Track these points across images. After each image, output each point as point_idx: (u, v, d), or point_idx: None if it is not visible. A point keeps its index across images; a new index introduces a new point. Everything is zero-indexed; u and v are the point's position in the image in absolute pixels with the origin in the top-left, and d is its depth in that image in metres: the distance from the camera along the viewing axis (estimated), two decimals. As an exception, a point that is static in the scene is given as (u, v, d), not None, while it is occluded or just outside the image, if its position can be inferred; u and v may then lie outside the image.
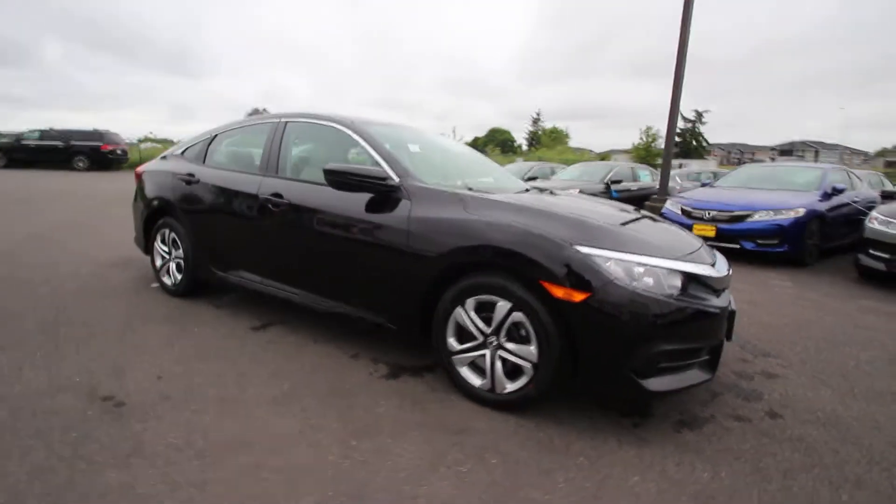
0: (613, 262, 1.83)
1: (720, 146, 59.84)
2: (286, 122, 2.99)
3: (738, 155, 61.06)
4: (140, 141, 25.60)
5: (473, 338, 2.10)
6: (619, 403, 2.15)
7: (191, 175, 3.31)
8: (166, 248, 3.53)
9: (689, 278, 1.94)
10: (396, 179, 2.35)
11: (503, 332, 2.01)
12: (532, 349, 1.93)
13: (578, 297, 1.80)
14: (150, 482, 1.55)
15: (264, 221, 2.82)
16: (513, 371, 2.03)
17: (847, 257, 5.87)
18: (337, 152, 2.82)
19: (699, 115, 48.70)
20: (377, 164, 2.47)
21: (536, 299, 1.89)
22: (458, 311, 2.11)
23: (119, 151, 16.71)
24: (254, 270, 2.99)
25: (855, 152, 54.12)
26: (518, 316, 1.95)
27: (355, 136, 2.66)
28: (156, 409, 1.99)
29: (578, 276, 1.81)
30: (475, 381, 2.12)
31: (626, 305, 1.77)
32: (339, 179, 2.34)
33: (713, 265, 2.12)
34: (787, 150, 53.74)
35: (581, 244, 1.86)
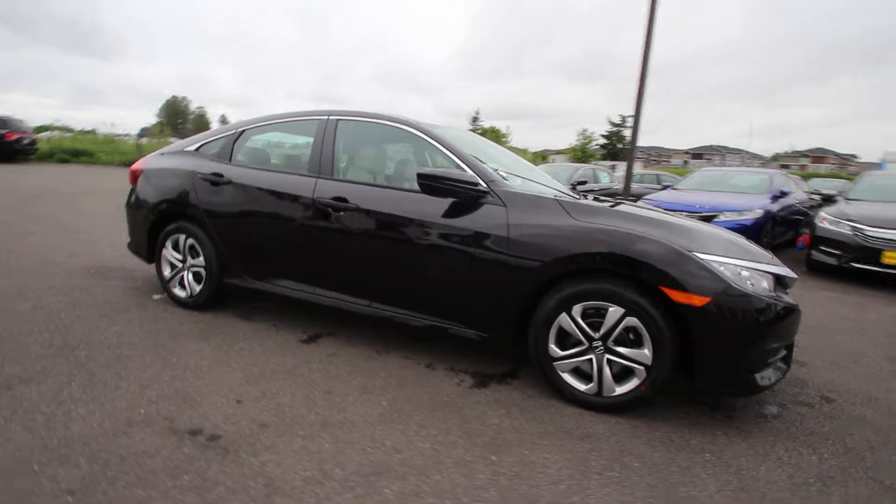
0: (725, 268, 1.96)
1: (640, 149, 65.11)
2: (336, 120, 2.81)
3: (655, 158, 66.63)
4: (38, 129, 22.07)
5: (577, 343, 2.14)
6: (702, 398, 2.31)
7: (218, 174, 3.01)
8: (179, 256, 3.18)
9: (776, 279, 2.13)
10: (484, 184, 2.32)
11: (612, 337, 2.07)
12: (646, 352, 2.01)
13: (699, 301, 1.90)
14: (311, 521, 1.41)
15: (321, 227, 2.64)
16: (619, 374, 2.10)
17: (789, 253, 6.68)
18: (405, 155, 2.71)
19: (623, 119, 52.42)
20: (460, 167, 2.42)
21: (650, 304, 1.97)
22: (563, 317, 2.13)
23: (26, 141, 14.51)
24: (302, 280, 2.79)
25: (754, 156, 61.53)
26: (631, 321, 2.01)
27: (428, 139, 2.56)
28: (261, 440, 1.81)
29: (699, 281, 1.91)
30: (580, 385, 2.15)
31: (742, 307, 1.90)
32: (433, 184, 2.26)
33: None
34: (698, 154, 59.83)
35: (698, 251, 1.96)
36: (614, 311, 2.03)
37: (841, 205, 5.95)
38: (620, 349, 2.06)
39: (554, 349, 2.18)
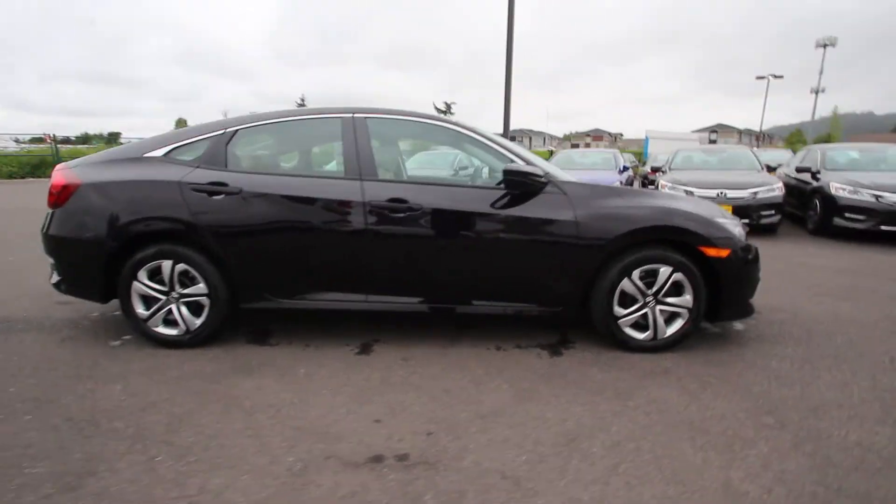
0: (731, 226, 2.65)
1: (465, 133, 70.91)
2: (365, 119, 2.67)
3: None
4: None
5: (634, 301, 2.62)
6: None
7: (219, 183, 2.55)
8: (162, 288, 2.61)
9: (741, 231, 2.95)
10: (544, 176, 2.58)
11: (663, 291, 2.60)
12: (688, 298, 2.59)
13: (724, 253, 2.55)
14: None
15: (377, 231, 2.53)
16: (667, 320, 2.65)
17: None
18: (448, 152, 2.73)
19: (448, 106, 56.13)
20: (516, 161, 2.61)
21: (690, 261, 2.55)
22: (625, 282, 2.57)
23: None
24: (352, 289, 2.62)
25: (552, 137, 73.05)
26: (677, 276, 2.57)
27: (477, 136, 2.68)
28: (446, 445, 1.80)
29: (722, 239, 2.55)
30: (639, 335, 2.64)
31: (746, 253, 2.62)
32: (517, 179, 2.42)
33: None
34: (512, 137, 68.06)
35: (717, 217, 2.61)
36: (665, 271, 2.56)
37: (669, 174, 7.83)
38: (669, 299, 2.61)
39: (618, 310, 2.62)
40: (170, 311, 2.64)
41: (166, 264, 2.57)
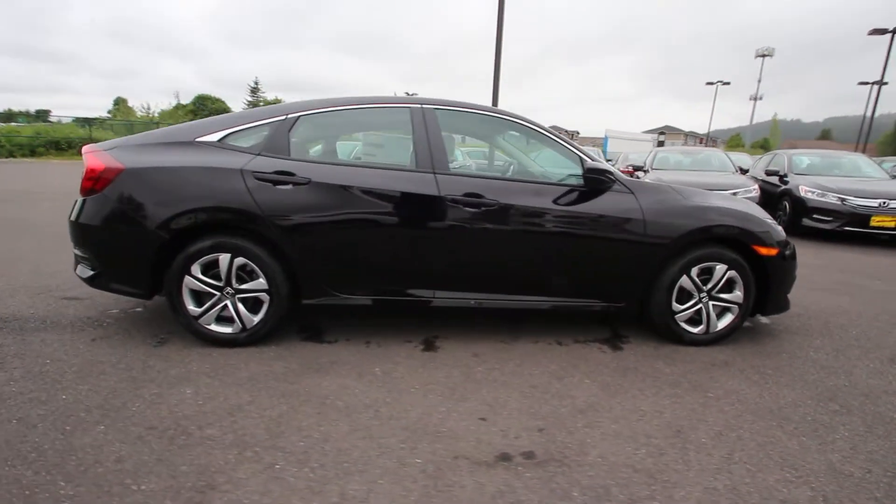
0: (776, 225, 2.83)
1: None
2: (434, 110, 2.60)
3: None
4: None
5: (691, 297, 2.74)
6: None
7: (286, 172, 2.40)
8: (217, 283, 2.44)
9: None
10: (614, 176, 2.63)
11: (717, 288, 2.74)
12: (739, 293, 2.74)
13: (773, 252, 2.72)
14: None
15: (451, 226, 2.48)
16: (718, 315, 2.80)
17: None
18: (518, 148, 2.72)
19: (409, 96, 55.64)
20: (583, 161, 2.64)
21: (744, 258, 2.70)
22: (684, 279, 2.69)
23: None
24: (420, 284, 2.57)
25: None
26: (731, 273, 2.71)
27: (545, 133, 2.69)
28: (563, 441, 1.82)
29: (772, 238, 2.72)
30: (693, 330, 2.77)
31: (789, 251, 2.81)
32: (599, 178, 2.45)
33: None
34: (473, 130, 68.61)
35: (766, 217, 2.77)
36: (721, 268, 2.70)
37: (653, 174, 8.20)
38: (722, 295, 2.75)
39: (676, 306, 2.73)
40: (224, 307, 2.48)
41: (224, 258, 2.40)
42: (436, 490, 1.53)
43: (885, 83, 22.51)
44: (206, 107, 52.99)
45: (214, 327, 2.49)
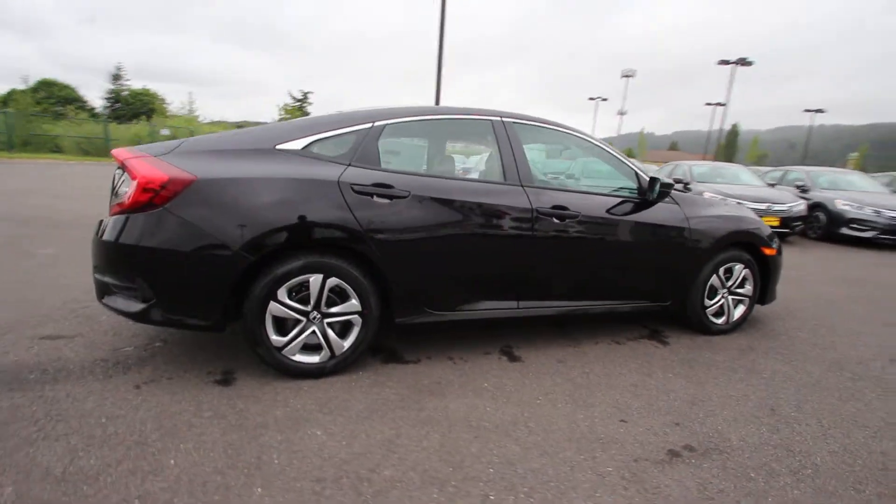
0: (770, 229, 3.40)
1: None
2: (513, 124, 2.63)
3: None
4: None
5: (716, 293, 3.17)
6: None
7: (385, 185, 2.24)
8: (304, 307, 2.19)
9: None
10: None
11: (735, 284, 3.20)
12: (749, 288, 3.25)
13: (773, 252, 3.27)
14: None
15: (540, 238, 2.55)
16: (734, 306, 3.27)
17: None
18: (589, 164, 2.85)
19: (305, 95, 52.82)
20: (637, 174, 2.89)
21: (753, 258, 3.21)
22: (713, 278, 3.10)
23: None
24: (507, 296, 2.59)
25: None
26: (745, 271, 3.20)
27: (606, 149, 2.88)
28: (707, 434, 2.01)
29: (772, 241, 3.27)
30: (718, 321, 3.20)
31: (780, 251, 3.39)
32: (665, 190, 2.70)
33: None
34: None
35: (764, 224, 3.31)
36: (739, 267, 3.17)
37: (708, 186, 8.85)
38: (738, 290, 3.23)
39: (707, 301, 3.14)
40: (312, 334, 2.22)
41: (315, 279, 2.16)
42: (651, 494, 1.61)
43: (724, 104, 27.67)
44: (53, 94, 44.19)
45: (300, 357, 2.23)
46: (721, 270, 3.13)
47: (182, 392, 2.09)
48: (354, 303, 2.26)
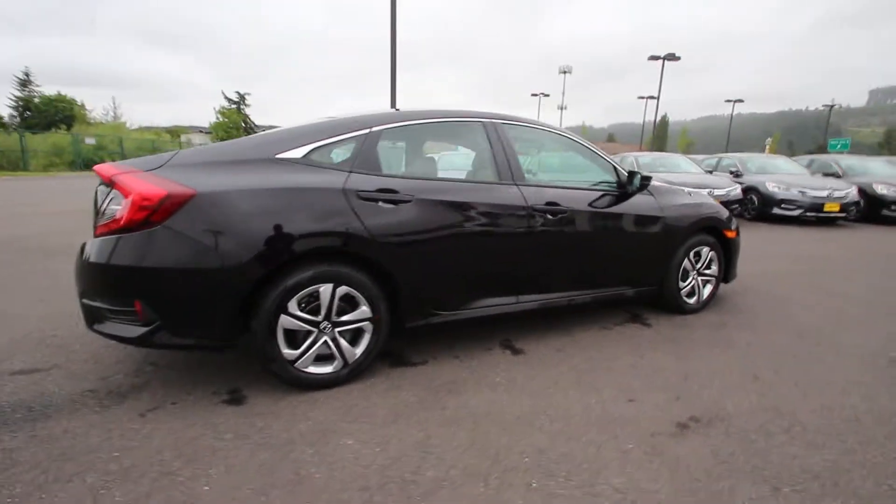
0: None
1: (261, 128, 65.03)
2: (502, 125, 2.71)
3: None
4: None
5: (688, 275, 3.43)
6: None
7: (389, 190, 2.24)
8: (314, 318, 2.16)
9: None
10: None
11: (703, 266, 3.47)
12: (716, 268, 3.54)
13: (734, 234, 3.58)
14: None
15: (536, 234, 2.65)
16: (703, 285, 3.55)
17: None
18: (569, 159, 2.97)
19: (242, 97, 50.44)
20: (615, 168, 3.07)
21: (717, 241, 3.50)
22: (686, 261, 3.36)
23: None
24: (507, 292, 2.67)
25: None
26: (711, 253, 3.48)
27: (587, 146, 3.03)
28: (712, 411, 2.19)
29: (732, 224, 3.57)
30: (690, 301, 3.46)
31: (738, 233, 3.71)
32: (644, 183, 2.88)
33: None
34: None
35: (725, 209, 3.62)
36: (706, 250, 3.45)
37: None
38: (706, 271, 3.51)
39: (681, 284, 3.38)
40: (323, 345, 2.19)
41: (325, 289, 2.13)
42: (674, 464, 1.75)
43: (655, 97, 29.44)
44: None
45: (313, 369, 2.19)
46: (691, 254, 3.39)
47: (192, 416, 2.00)
48: (365, 309, 2.25)
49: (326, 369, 2.22)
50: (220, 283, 1.94)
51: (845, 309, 3.69)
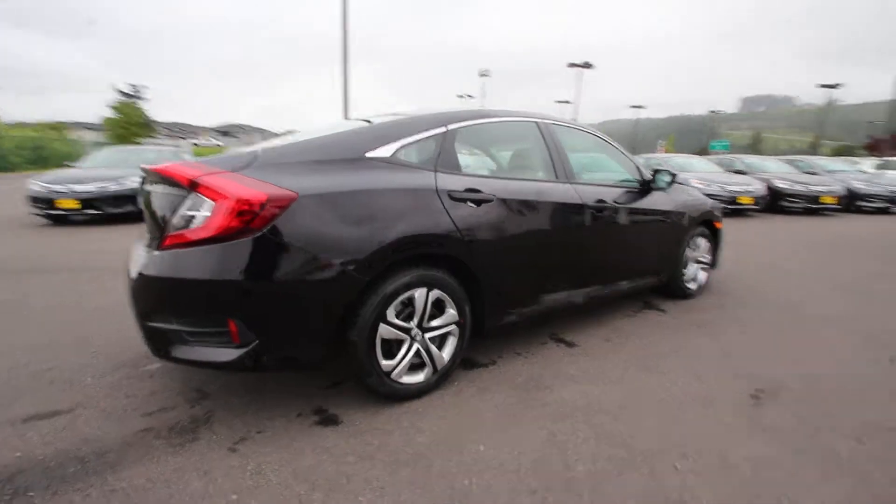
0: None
1: (162, 125, 58.45)
2: (551, 125, 2.78)
3: (181, 134, 61.98)
4: None
5: (687, 263, 3.76)
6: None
7: (475, 190, 2.19)
8: (408, 325, 2.06)
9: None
10: None
11: (699, 251, 3.84)
12: (709, 257, 3.93)
13: (721, 225, 3.99)
14: None
15: (589, 230, 2.75)
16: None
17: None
18: (600, 158, 3.10)
19: (137, 90, 45.11)
20: (638, 167, 3.28)
21: (708, 230, 3.89)
22: (688, 251, 3.68)
23: None
24: (564, 287, 2.74)
25: (276, 134, 69.18)
26: (706, 244, 3.86)
27: (616, 147, 3.19)
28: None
29: (720, 216, 3.98)
30: (691, 287, 3.81)
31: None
32: (673, 181, 3.10)
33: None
34: (226, 132, 60.61)
35: (718, 204, 4.02)
36: (702, 241, 3.81)
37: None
38: (702, 259, 3.88)
39: (684, 271, 3.71)
40: (416, 352, 2.09)
41: (420, 293, 2.04)
42: (773, 431, 1.93)
43: (568, 102, 31.63)
44: None
45: (407, 379, 2.08)
46: (692, 243, 3.73)
47: (292, 443, 1.80)
48: (452, 313, 2.18)
49: (419, 378, 2.12)
50: (327, 292, 1.77)
51: (804, 284, 4.30)
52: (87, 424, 1.92)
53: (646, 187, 3.26)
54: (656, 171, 3.24)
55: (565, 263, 2.72)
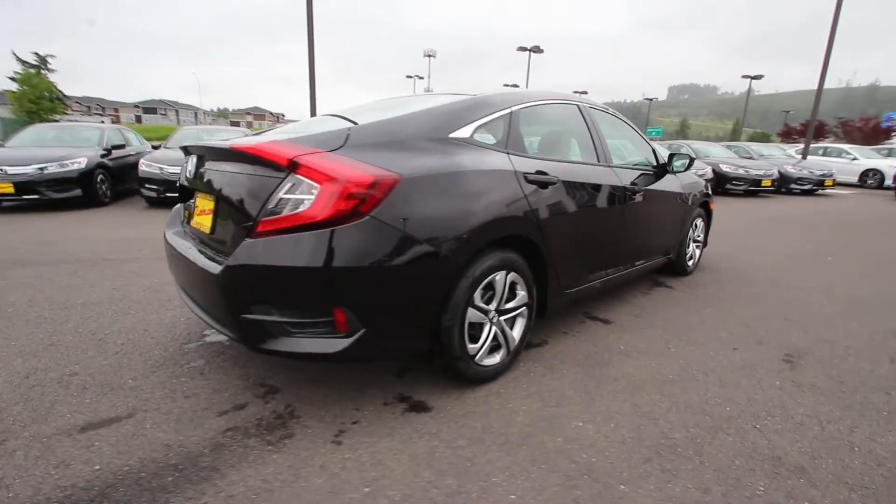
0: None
1: (76, 99, 52.11)
2: (589, 108, 2.83)
3: (99, 111, 55.66)
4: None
5: (686, 243, 4.03)
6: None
7: (542, 173, 2.20)
8: (490, 307, 2.07)
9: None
10: None
11: (696, 230, 4.12)
12: (702, 236, 4.22)
13: (713, 206, 4.29)
14: None
15: (625, 212, 2.86)
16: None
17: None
18: (623, 142, 3.21)
19: (43, 59, 39.83)
20: (654, 150, 3.44)
21: (704, 211, 4.17)
22: (690, 231, 3.94)
23: None
24: (602, 268, 2.84)
25: (207, 113, 63.75)
26: (702, 224, 4.14)
27: (637, 132, 3.31)
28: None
29: (711, 197, 4.28)
30: (690, 263, 4.09)
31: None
32: (690, 164, 3.27)
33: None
34: (151, 109, 55.04)
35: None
36: (700, 221, 4.09)
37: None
38: (698, 238, 4.16)
39: (686, 250, 3.97)
40: (490, 335, 2.11)
41: (500, 276, 2.04)
42: (811, 389, 2.16)
43: (517, 85, 32.02)
44: None
45: (487, 361, 2.10)
46: (692, 224, 4.00)
47: (395, 431, 1.77)
48: (524, 294, 2.21)
49: (496, 360, 2.14)
50: (431, 277, 1.74)
51: (774, 259, 4.75)
52: (158, 429, 1.76)
53: (661, 170, 3.43)
54: (672, 155, 3.41)
55: (607, 244, 2.82)
